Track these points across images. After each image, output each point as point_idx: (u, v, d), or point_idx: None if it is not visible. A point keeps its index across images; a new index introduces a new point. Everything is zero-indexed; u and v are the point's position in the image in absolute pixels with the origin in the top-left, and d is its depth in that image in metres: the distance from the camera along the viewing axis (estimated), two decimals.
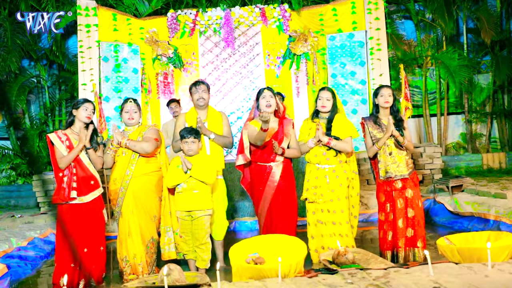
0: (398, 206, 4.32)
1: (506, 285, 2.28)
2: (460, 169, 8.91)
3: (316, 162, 4.36)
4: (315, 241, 4.39)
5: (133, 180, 4.27)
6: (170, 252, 4.64)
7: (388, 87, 4.48)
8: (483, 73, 9.78)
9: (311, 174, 4.40)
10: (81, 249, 4.14)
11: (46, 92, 9.42)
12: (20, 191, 8.63)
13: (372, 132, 4.42)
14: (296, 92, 8.23)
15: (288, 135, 4.43)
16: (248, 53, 8.30)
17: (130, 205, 4.26)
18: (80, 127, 4.22)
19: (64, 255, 4.14)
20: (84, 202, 4.15)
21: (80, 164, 4.18)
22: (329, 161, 4.33)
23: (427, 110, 9.50)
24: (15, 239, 5.42)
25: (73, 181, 4.12)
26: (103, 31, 7.92)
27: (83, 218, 4.14)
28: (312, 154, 4.38)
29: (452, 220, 6.08)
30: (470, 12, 9.40)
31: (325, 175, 4.33)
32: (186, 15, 8.20)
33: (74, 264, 4.14)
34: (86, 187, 4.17)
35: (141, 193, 4.30)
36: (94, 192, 4.22)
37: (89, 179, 4.20)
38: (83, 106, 4.21)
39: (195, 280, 2.67)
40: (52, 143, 4.15)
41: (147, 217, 4.33)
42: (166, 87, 8.11)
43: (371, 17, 8.05)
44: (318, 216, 4.35)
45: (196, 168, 4.13)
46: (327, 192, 4.30)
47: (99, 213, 4.29)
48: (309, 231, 4.45)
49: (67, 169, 4.13)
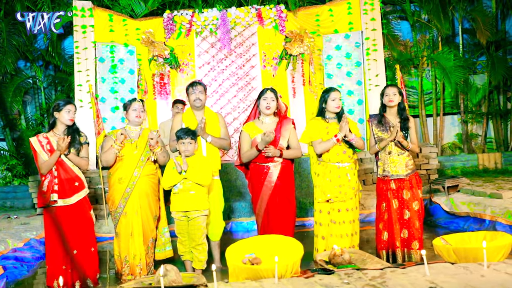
0: (393, 207, 4.34)
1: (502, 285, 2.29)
2: (456, 169, 8.93)
3: (337, 161, 4.31)
4: (325, 241, 4.34)
5: (140, 180, 4.26)
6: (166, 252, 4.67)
7: (393, 86, 4.48)
8: (479, 74, 9.81)
9: (332, 174, 4.32)
10: (70, 251, 4.12)
11: (42, 93, 9.39)
12: (16, 192, 8.59)
13: (375, 131, 4.43)
14: (292, 92, 8.24)
15: (286, 136, 4.43)
16: (245, 54, 8.29)
17: (135, 205, 4.25)
18: (63, 130, 4.18)
19: (54, 257, 4.13)
20: (69, 204, 4.11)
21: (62, 166, 4.13)
22: (350, 159, 4.36)
23: (423, 110, 9.52)
24: (11, 240, 5.40)
25: (54, 184, 4.07)
26: (99, 32, 7.89)
27: (69, 220, 4.11)
28: (334, 153, 4.32)
29: (448, 220, 6.10)
30: (465, 12, 9.42)
31: (346, 173, 4.33)
32: (182, 15, 8.18)
33: (66, 266, 4.12)
34: (70, 189, 4.13)
35: (145, 193, 4.32)
36: (79, 194, 4.18)
37: (73, 181, 4.16)
38: (65, 108, 4.14)
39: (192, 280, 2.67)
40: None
41: (150, 217, 4.35)
42: (162, 88, 8.09)
43: (367, 17, 8.06)
44: (332, 216, 4.32)
45: (192, 170, 4.13)
46: (349, 190, 4.31)
47: (86, 215, 4.24)
48: (320, 232, 4.37)
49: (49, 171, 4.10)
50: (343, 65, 8.10)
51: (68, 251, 4.14)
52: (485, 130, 9.77)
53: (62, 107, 4.14)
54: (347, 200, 4.31)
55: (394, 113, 4.42)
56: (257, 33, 8.29)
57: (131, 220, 4.24)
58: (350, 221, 4.33)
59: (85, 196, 4.25)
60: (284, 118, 4.55)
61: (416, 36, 9.46)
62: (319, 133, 4.36)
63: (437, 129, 9.52)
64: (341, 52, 8.12)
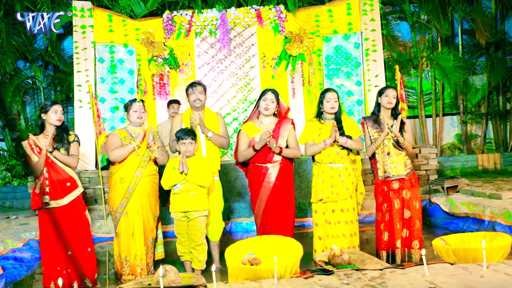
0: (395, 207, 4.34)
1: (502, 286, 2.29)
2: (455, 170, 8.94)
3: (329, 162, 4.34)
4: (322, 242, 4.36)
5: (141, 180, 4.26)
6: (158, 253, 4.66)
7: (394, 88, 4.50)
8: (478, 74, 9.82)
9: (324, 174, 4.35)
10: (66, 252, 4.12)
11: (41, 93, 9.39)
12: (15, 192, 8.59)
13: (371, 132, 4.44)
14: (292, 93, 8.24)
15: (284, 136, 4.43)
16: (244, 54, 8.30)
17: (136, 205, 4.25)
18: (53, 131, 4.16)
19: (50, 258, 4.12)
20: (62, 205, 4.10)
21: (53, 167, 4.11)
22: (343, 160, 4.36)
23: (422, 111, 9.53)
24: (10, 241, 5.40)
25: (45, 185, 4.06)
26: (99, 32, 7.89)
27: (64, 221, 4.10)
28: (325, 154, 4.34)
29: (447, 220, 6.11)
30: (465, 13, 9.43)
31: (340, 173, 4.33)
32: (182, 16, 8.19)
33: (61, 267, 4.11)
34: (61, 190, 4.11)
35: (147, 193, 4.32)
36: (72, 194, 4.16)
37: (64, 182, 4.13)
38: (52, 109, 4.12)
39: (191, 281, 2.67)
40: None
41: (150, 217, 4.35)
42: (162, 88, 8.10)
43: (366, 18, 8.07)
44: (327, 216, 4.33)
45: (192, 172, 4.13)
46: (342, 191, 4.31)
47: (81, 215, 4.23)
48: (317, 232, 4.40)
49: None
50: (343, 65, 8.11)
51: (64, 252, 4.13)
52: (484, 131, 9.78)
53: (49, 108, 4.12)
54: (340, 200, 4.31)
55: (389, 115, 4.44)
56: (257, 33, 8.30)
57: (132, 220, 4.24)
58: (346, 221, 4.31)
59: (79, 197, 4.23)
60: (284, 119, 4.55)
61: (415, 37, 9.47)
62: (311, 134, 4.42)
63: (436, 129, 9.52)
64: (341, 52, 8.13)
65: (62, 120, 4.19)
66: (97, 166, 6.88)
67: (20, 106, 9.29)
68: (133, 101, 4.42)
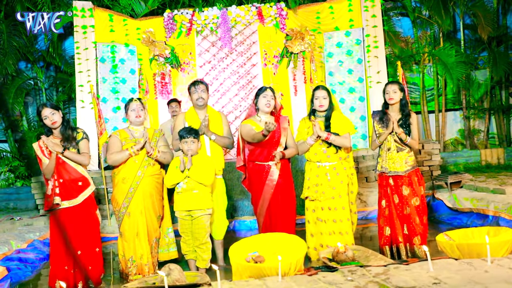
0: (394, 202, 4.37)
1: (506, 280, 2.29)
2: (458, 165, 8.92)
3: (316, 160, 4.38)
4: (314, 239, 4.42)
5: (143, 180, 4.27)
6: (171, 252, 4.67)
7: (393, 83, 4.48)
8: (481, 69, 9.78)
9: (311, 172, 4.41)
10: (75, 251, 4.12)
11: (43, 94, 9.39)
12: (19, 193, 8.61)
13: (376, 127, 4.48)
14: (294, 90, 8.23)
15: (286, 130, 4.45)
16: (245, 52, 8.29)
17: (139, 205, 4.26)
18: (58, 132, 4.16)
19: (58, 258, 4.12)
20: (75, 205, 4.11)
21: (64, 167, 4.12)
22: (330, 159, 4.36)
23: (425, 106, 9.51)
24: (15, 242, 5.41)
25: (55, 186, 4.07)
26: (100, 32, 7.89)
27: (75, 221, 4.11)
28: (312, 153, 4.40)
29: (451, 216, 6.10)
30: (466, 8, 9.39)
31: (326, 172, 4.35)
32: (183, 15, 8.18)
33: (68, 267, 4.11)
34: (74, 189, 4.12)
35: (149, 193, 4.32)
36: (84, 193, 4.17)
37: (76, 181, 4.14)
38: (42, 115, 4.11)
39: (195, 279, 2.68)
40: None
41: (153, 217, 4.36)
42: (163, 87, 8.09)
43: (367, 14, 8.05)
44: (318, 214, 4.37)
45: (195, 170, 4.13)
46: (328, 190, 4.32)
47: (92, 215, 4.23)
48: (309, 229, 4.48)
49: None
50: (344, 62, 8.10)
51: (73, 251, 4.13)
52: (487, 126, 9.75)
53: (40, 115, 4.13)
54: (326, 200, 4.32)
55: (396, 109, 4.44)
56: (258, 31, 8.28)
57: (136, 221, 4.24)
58: (334, 220, 4.31)
59: (91, 196, 4.24)
60: (280, 116, 4.57)
61: (417, 33, 9.44)
62: (300, 133, 4.51)
63: (439, 125, 9.50)
64: (342, 49, 8.12)
65: (56, 121, 4.12)
66: (100, 166, 6.89)
67: (22, 107, 9.30)
68: (130, 100, 4.43)
